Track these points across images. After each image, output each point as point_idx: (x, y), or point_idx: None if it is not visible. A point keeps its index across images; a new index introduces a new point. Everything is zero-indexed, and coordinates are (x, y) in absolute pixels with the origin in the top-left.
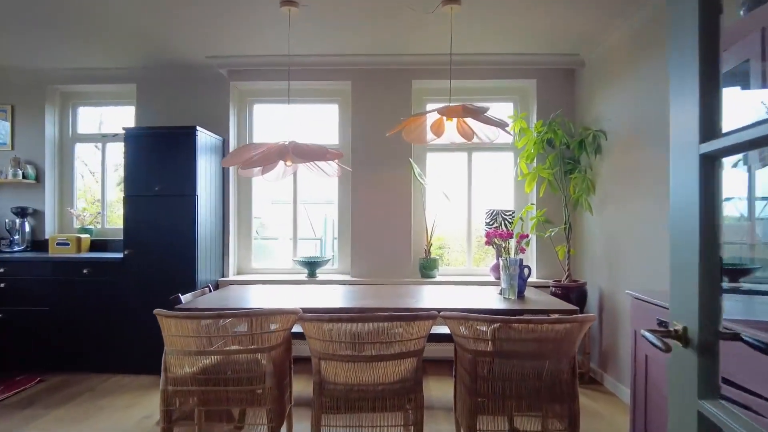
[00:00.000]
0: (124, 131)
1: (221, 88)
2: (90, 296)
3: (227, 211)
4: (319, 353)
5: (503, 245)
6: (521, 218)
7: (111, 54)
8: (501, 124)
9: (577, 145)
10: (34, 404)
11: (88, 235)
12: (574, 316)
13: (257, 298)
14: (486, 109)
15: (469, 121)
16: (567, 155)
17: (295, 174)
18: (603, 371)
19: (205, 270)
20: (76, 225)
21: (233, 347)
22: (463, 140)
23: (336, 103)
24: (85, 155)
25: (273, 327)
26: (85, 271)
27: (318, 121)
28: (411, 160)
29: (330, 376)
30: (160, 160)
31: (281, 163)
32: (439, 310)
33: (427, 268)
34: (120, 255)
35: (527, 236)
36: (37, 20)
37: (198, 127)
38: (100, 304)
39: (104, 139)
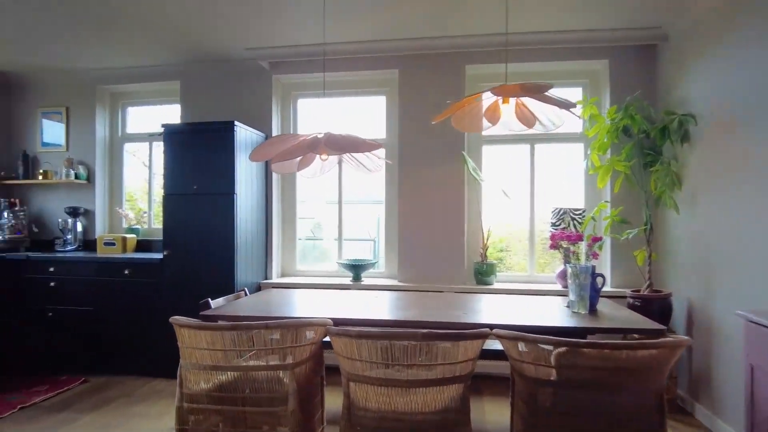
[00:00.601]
0: (163, 129)
1: (264, 81)
2: (130, 297)
3: (270, 211)
4: (348, 373)
5: (572, 249)
6: (593, 218)
7: (154, 51)
8: (566, 104)
9: (659, 132)
10: (69, 407)
11: (134, 235)
12: (662, 339)
13: (291, 305)
14: (549, 87)
15: (530, 104)
16: (647, 145)
17: (339, 171)
18: (694, 400)
19: (245, 272)
20: (125, 224)
21: (251, 363)
22: (522, 127)
23: (383, 95)
24: (135, 154)
25: (299, 340)
26: (126, 272)
27: (366, 114)
28: (464, 154)
29: (360, 400)
30: (198, 158)
31: (317, 158)
32: (492, 326)
33: (483, 274)
34: (160, 256)
35: (600, 239)
36: (85, 21)
37: (236, 122)
38: (139, 306)
39: (151, 138)
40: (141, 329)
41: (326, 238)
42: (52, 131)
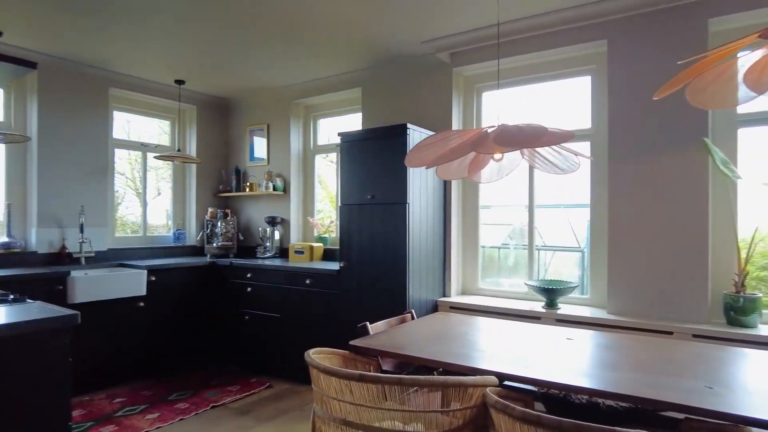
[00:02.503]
0: (339, 137)
1: (443, 77)
2: (311, 307)
3: (448, 220)
4: None
5: None
6: None
7: (337, 60)
8: None
9: None
10: (250, 413)
11: (321, 244)
12: None
13: (457, 340)
14: None
15: None
16: None
17: (530, 172)
18: None
19: (419, 287)
20: (316, 233)
21: (384, 425)
22: None
23: (588, 74)
24: (319, 165)
25: (454, 401)
26: (307, 281)
27: (567, 102)
28: (707, 141)
29: None
30: (371, 165)
31: (490, 159)
32: (751, 421)
33: (739, 312)
34: (337, 266)
35: None
36: (276, 41)
37: (409, 125)
38: (318, 316)
39: (337, 148)
40: (320, 341)
41: (514, 247)
42: (259, 147)
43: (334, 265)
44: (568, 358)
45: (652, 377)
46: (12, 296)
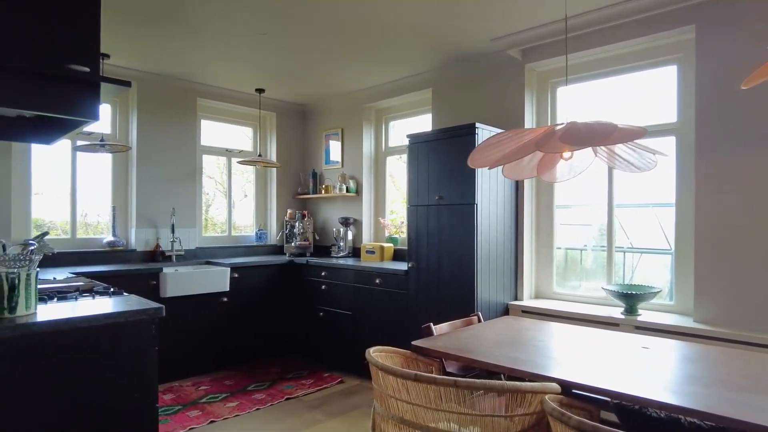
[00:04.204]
0: (408, 138)
1: (514, 74)
2: (380, 306)
3: (520, 221)
4: None
5: None
6: None
7: (407, 63)
8: None
9: None
10: (321, 407)
11: (391, 245)
12: None
13: (524, 345)
14: None
15: None
16: None
17: (609, 170)
18: None
19: (488, 290)
20: (387, 234)
21: (440, 425)
22: None
23: (674, 63)
24: (392, 166)
25: (513, 407)
26: (377, 281)
27: (650, 95)
28: None
29: None
30: (440, 166)
31: (559, 158)
32: None
33: None
34: (406, 267)
35: None
36: (349, 45)
37: (478, 124)
38: (387, 315)
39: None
40: (388, 339)
41: (593, 249)
42: (334, 150)
43: (403, 266)
44: (644, 369)
45: (743, 396)
46: (112, 289)
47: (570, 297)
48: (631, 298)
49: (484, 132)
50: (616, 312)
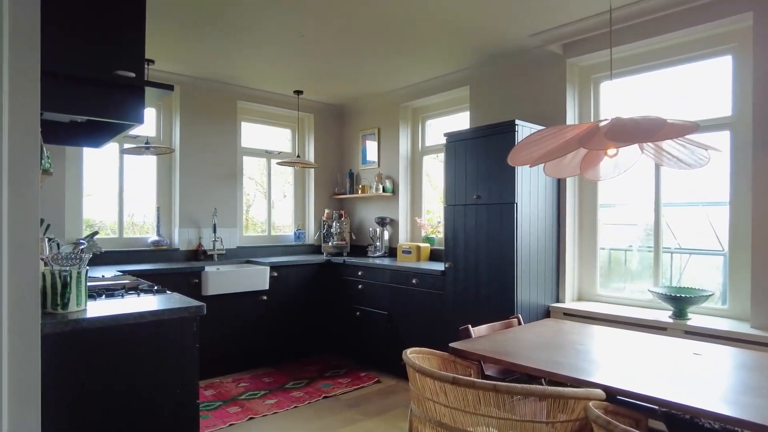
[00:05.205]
0: (445, 137)
1: (555, 69)
2: (417, 306)
3: (562, 221)
4: None
5: None
6: None
7: (444, 61)
8: None
9: None
10: (358, 406)
11: (428, 244)
12: None
13: (566, 349)
14: None
15: None
16: None
17: (657, 167)
18: None
19: (528, 291)
20: (423, 234)
21: (479, 430)
22: None
23: (729, 53)
24: (429, 165)
25: (554, 412)
26: (414, 281)
27: (702, 88)
28: None
29: None
30: (478, 165)
31: (604, 155)
32: None
33: None
34: (443, 267)
35: None
36: (385, 45)
37: (518, 121)
38: (424, 316)
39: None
40: (425, 340)
41: (639, 249)
42: (370, 150)
43: (440, 266)
44: (695, 377)
45: None
46: (156, 287)
47: (614, 299)
48: (681, 302)
49: (524, 129)
50: (664, 316)
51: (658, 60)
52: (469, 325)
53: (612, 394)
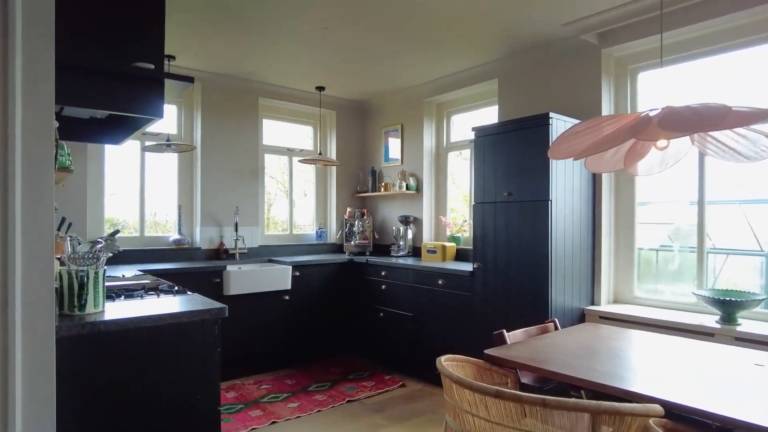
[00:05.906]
0: (473, 131)
1: (589, 60)
2: (443, 308)
3: (598, 219)
4: None
5: None
6: None
7: (470, 53)
8: None
9: None
10: (383, 411)
11: (453, 244)
12: None
13: (607, 358)
14: None
15: None
16: None
17: (700, 162)
18: None
19: (563, 293)
20: (448, 233)
21: None
22: None
23: None
24: (452, 163)
25: (599, 429)
26: (440, 282)
27: (749, 76)
28: None
29: None
30: (509, 160)
31: (652, 148)
32: None
33: None
34: (470, 267)
35: None
36: (408, 39)
37: (552, 114)
38: (451, 318)
39: (471, 144)
40: (452, 344)
41: (679, 250)
42: (393, 147)
43: (467, 266)
44: (760, 390)
45: None
46: (176, 288)
47: (653, 302)
48: (730, 306)
49: (559, 122)
50: (710, 320)
51: (707, 47)
52: (504, 331)
53: (669, 410)
